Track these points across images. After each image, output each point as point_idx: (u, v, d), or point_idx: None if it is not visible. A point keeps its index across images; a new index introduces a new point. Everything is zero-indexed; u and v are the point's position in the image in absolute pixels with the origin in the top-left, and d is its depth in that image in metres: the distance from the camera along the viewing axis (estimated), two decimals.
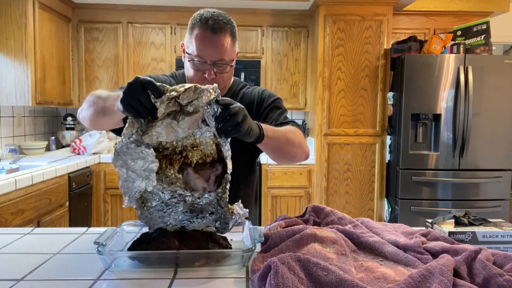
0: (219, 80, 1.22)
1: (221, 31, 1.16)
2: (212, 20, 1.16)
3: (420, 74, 3.08)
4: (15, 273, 0.85)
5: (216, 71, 1.20)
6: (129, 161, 0.86)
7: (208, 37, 1.16)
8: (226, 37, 1.18)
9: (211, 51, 1.17)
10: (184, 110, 0.86)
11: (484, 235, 1.00)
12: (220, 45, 1.17)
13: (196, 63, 1.19)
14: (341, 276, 0.71)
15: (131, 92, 0.85)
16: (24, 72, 2.81)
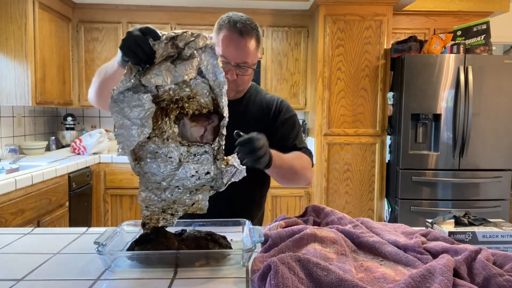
0: (240, 82, 1.25)
1: (248, 35, 1.20)
2: (240, 23, 1.20)
3: (420, 74, 3.08)
4: (15, 273, 0.85)
5: (238, 72, 1.23)
6: (126, 109, 0.85)
7: (234, 39, 1.20)
8: (252, 41, 1.22)
9: (236, 53, 1.20)
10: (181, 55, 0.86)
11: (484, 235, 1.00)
12: (245, 48, 1.21)
13: None
14: (341, 276, 0.71)
15: (130, 38, 0.86)
16: (24, 72, 2.81)
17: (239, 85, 1.27)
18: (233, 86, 1.25)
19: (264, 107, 1.38)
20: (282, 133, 1.36)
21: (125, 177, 3.26)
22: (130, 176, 3.26)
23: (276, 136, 1.34)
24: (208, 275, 0.84)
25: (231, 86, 1.24)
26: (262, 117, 1.37)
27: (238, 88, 1.29)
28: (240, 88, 1.30)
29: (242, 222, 1.09)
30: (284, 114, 1.38)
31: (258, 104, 1.38)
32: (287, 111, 1.39)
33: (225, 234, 1.01)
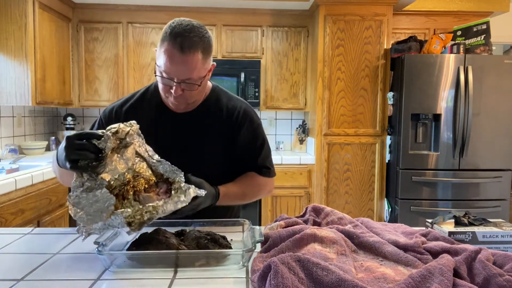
0: (187, 96, 1.17)
1: (190, 50, 1.08)
2: (181, 37, 1.08)
3: (420, 74, 3.08)
4: (15, 273, 0.85)
5: (183, 87, 1.13)
6: (87, 208, 0.89)
7: (175, 56, 1.08)
8: (196, 55, 1.10)
9: (178, 70, 1.10)
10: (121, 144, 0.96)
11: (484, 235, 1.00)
12: (188, 64, 1.09)
13: (163, 79, 1.14)
14: (341, 276, 0.71)
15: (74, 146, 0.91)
16: (24, 72, 2.81)
17: (187, 99, 1.18)
18: (181, 100, 1.18)
19: (224, 115, 1.29)
20: (244, 148, 1.30)
21: None
22: None
23: (238, 149, 1.29)
24: (208, 275, 0.84)
25: (179, 100, 1.18)
26: (222, 126, 1.28)
27: (187, 101, 1.20)
28: (190, 101, 1.20)
29: (242, 222, 1.09)
30: (247, 127, 1.29)
31: (217, 113, 1.28)
32: (251, 123, 1.30)
33: (225, 234, 1.01)
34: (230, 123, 1.29)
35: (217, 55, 3.58)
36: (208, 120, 1.28)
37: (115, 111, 1.30)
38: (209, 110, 1.29)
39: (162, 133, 1.27)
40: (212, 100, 1.30)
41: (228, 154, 1.30)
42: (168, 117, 1.27)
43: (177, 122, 1.27)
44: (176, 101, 1.19)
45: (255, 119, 1.33)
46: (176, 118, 1.27)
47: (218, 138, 1.29)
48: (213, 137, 1.28)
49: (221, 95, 1.33)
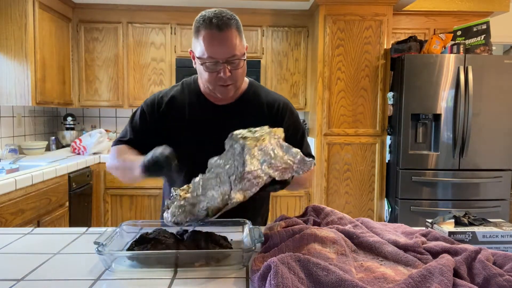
0: (235, 77, 1.21)
1: (227, 27, 1.15)
2: (215, 19, 1.14)
3: (420, 74, 3.08)
4: (15, 273, 0.85)
5: (230, 68, 1.18)
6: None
7: (215, 36, 1.14)
8: (233, 32, 1.16)
9: (221, 49, 1.15)
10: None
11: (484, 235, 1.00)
12: (229, 41, 1.15)
13: (208, 65, 1.17)
14: (341, 276, 0.71)
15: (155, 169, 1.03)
16: (24, 72, 2.81)
17: (235, 80, 1.23)
18: (230, 82, 1.21)
19: (265, 108, 1.33)
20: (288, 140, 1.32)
21: None
22: None
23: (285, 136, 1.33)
24: (208, 275, 0.84)
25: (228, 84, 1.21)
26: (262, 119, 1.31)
27: (236, 84, 1.24)
28: (237, 83, 1.25)
29: (242, 222, 1.09)
30: (288, 119, 1.33)
31: (257, 105, 1.33)
32: (291, 115, 1.35)
33: (225, 234, 1.01)
34: (271, 116, 1.32)
35: None
36: (248, 112, 1.32)
37: (157, 102, 1.32)
38: (249, 102, 1.33)
39: (202, 124, 1.30)
40: (250, 93, 1.35)
41: None
42: (208, 108, 1.31)
43: (217, 114, 1.30)
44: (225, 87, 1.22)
45: (294, 111, 1.38)
46: (216, 110, 1.30)
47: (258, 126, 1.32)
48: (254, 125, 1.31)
49: (259, 89, 1.38)
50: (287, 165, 0.90)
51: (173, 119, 1.30)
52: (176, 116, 1.30)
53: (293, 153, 0.92)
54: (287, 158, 0.90)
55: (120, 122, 3.90)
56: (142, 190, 3.29)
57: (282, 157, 0.89)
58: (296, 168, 0.92)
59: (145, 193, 3.30)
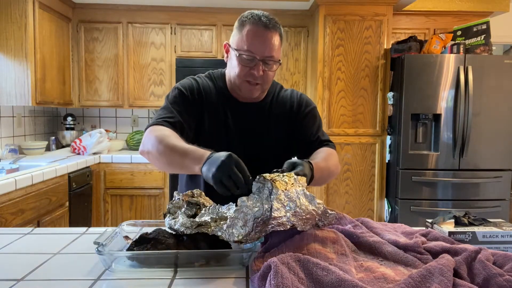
0: (265, 78, 1.22)
1: (273, 28, 1.19)
2: (264, 17, 1.19)
3: (420, 74, 3.08)
4: (15, 273, 0.85)
5: (263, 68, 1.19)
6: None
7: (260, 33, 1.17)
8: (277, 35, 1.20)
9: (263, 46, 1.18)
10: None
11: (484, 235, 1.00)
12: (272, 41, 1.18)
13: (244, 58, 1.19)
14: (341, 276, 0.71)
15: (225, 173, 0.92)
16: (24, 72, 2.81)
17: (264, 82, 1.24)
18: (259, 81, 1.22)
19: (287, 104, 1.36)
20: (305, 127, 1.34)
21: (125, 177, 3.26)
22: (130, 176, 3.27)
23: (299, 131, 1.34)
24: (208, 275, 0.84)
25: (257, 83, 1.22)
26: (285, 115, 1.35)
27: (263, 86, 1.26)
28: (265, 86, 1.27)
29: None
30: (304, 108, 1.36)
31: (280, 103, 1.35)
32: (307, 105, 1.37)
33: None
34: (292, 108, 1.35)
35: (217, 55, 3.58)
36: (274, 108, 1.34)
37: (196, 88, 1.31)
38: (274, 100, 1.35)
39: (228, 120, 1.30)
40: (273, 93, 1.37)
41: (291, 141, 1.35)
42: (232, 104, 1.31)
43: (243, 111, 1.31)
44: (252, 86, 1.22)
45: (310, 101, 1.41)
46: (240, 106, 1.31)
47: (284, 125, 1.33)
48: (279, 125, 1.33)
49: (278, 85, 1.41)
50: (311, 216, 0.91)
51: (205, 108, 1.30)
52: (208, 106, 1.30)
53: (317, 203, 0.94)
54: (311, 208, 0.92)
55: (120, 122, 3.90)
56: (142, 190, 3.29)
57: (306, 207, 0.91)
58: (318, 219, 0.95)
59: (145, 193, 3.30)
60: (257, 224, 0.84)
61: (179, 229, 0.90)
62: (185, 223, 0.90)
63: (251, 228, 0.84)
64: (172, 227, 0.93)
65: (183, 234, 0.92)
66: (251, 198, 0.88)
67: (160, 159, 1.12)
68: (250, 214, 0.85)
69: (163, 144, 1.09)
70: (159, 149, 1.10)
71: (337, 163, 1.32)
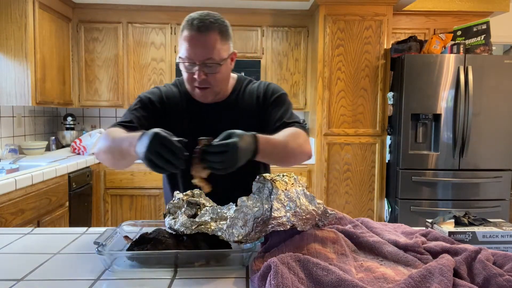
0: (211, 81, 1.19)
1: (207, 30, 1.14)
2: (197, 20, 1.15)
3: (420, 74, 3.08)
4: (15, 273, 0.85)
5: (206, 71, 1.17)
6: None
7: (194, 37, 1.14)
8: (213, 35, 1.15)
9: (198, 50, 1.15)
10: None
11: (484, 235, 1.00)
12: (206, 44, 1.15)
13: (186, 65, 1.18)
14: (341, 276, 0.71)
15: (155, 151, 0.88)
16: (24, 72, 2.81)
17: (211, 84, 1.20)
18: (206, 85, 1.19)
19: (254, 97, 1.32)
20: (271, 114, 1.29)
21: (125, 177, 3.26)
22: (130, 176, 3.27)
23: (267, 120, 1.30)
24: (208, 275, 0.84)
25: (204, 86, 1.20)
26: (253, 107, 1.31)
27: (214, 89, 1.22)
28: (215, 88, 1.23)
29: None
30: (270, 96, 1.32)
31: (247, 97, 1.32)
32: (274, 92, 1.33)
33: None
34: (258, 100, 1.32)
35: None
36: (241, 104, 1.31)
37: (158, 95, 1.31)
38: (240, 96, 1.33)
39: (193, 124, 1.29)
40: (239, 89, 1.34)
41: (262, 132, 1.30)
42: (197, 107, 1.30)
43: (207, 113, 1.30)
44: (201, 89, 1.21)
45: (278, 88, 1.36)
46: (205, 109, 1.29)
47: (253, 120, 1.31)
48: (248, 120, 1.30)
49: (245, 80, 1.38)
50: (311, 216, 0.92)
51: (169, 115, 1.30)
52: (172, 113, 1.30)
53: (317, 203, 0.94)
54: (311, 208, 0.92)
55: None
56: (142, 190, 3.29)
57: (307, 207, 0.91)
58: (318, 219, 0.95)
59: (145, 193, 3.30)
60: (257, 224, 0.84)
61: (179, 229, 0.91)
62: (185, 223, 0.90)
63: (251, 228, 0.84)
64: (172, 227, 0.93)
65: (183, 234, 0.92)
66: (251, 198, 0.88)
67: (107, 156, 1.14)
68: (250, 214, 0.85)
69: (107, 139, 1.13)
70: (104, 147, 1.13)
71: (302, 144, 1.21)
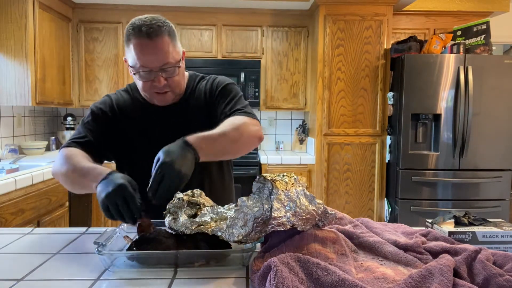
0: (171, 84, 1.18)
1: (157, 35, 1.10)
2: (145, 27, 1.10)
3: (420, 74, 3.08)
4: (15, 273, 0.85)
5: (165, 76, 1.15)
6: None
7: (146, 45, 1.10)
8: (164, 39, 1.12)
9: (153, 58, 1.11)
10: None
11: (484, 235, 1.00)
12: (161, 49, 1.11)
13: (142, 74, 1.14)
14: (341, 276, 0.71)
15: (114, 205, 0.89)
16: (24, 72, 2.81)
17: (173, 88, 1.19)
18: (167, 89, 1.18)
19: (202, 94, 1.30)
20: (219, 108, 1.26)
21: None
22: None
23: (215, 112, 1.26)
24: (208, 275, 0.84)
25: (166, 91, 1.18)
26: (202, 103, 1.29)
27: (174, 91, 1.22)
28: (176, 90, 1.22)
29: None
30: (216, 88, 1.29)
31: (197, 94, 1.30)
32: (219, 85, 1.30)
33: None
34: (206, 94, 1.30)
35: (217, 55, 3.58)
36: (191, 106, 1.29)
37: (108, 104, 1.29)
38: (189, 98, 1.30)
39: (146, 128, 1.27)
40: (191, 87, 1.32)
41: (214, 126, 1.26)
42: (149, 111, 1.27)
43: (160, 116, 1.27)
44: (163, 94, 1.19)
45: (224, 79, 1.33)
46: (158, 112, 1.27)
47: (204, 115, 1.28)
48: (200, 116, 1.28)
49: (197, 77, 1.35)
50: (311, 216, 0.91)
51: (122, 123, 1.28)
52: (125, 120, 1.28)
53: (317, 203, 0.94)
54: (312, 208, 0.92)
55: None
56: None
57: (307, 207, 0.90)
58: (318, 219, 0.95)
59: None
60: (257, 224, 0.84)
61: (179, 229, 0.91)
62: (185, 223, 0.91)
63: (251, 228, 0.84)
64: (172, 227, 0.93)
65: (183, 234, 0.92)
66: (251, 198, 0.89)
67: (66, 180, 1.13)
68: (250, 214, 0.85)
69: (67, 165, 1.11)
70: (63, 170, 1.12)
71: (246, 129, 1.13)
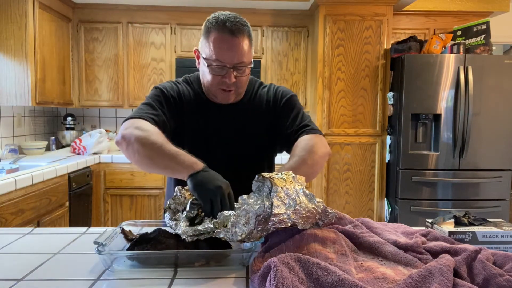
0: (238, 83, 1.20)
1: (240, 33, 1.14)
2: (229, 22, 1.13)
3: (420, 74, 3.08)
4: (15, 273, 0.85)
5: (236, 74, 1.17)
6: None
7: (227, 40, 1.13)
8: (245, 39, 1.16)
9: (231, 54, 1.14)
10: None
11: (484, 235, 1.00)
12: (239, 47, 1.14)
13: (215, 68, 1.16)
14: (341, 276, 0.71)
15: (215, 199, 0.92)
16: (24, 72, 2.81)
17: (238, 87, 1.22)
18: (233, 88, 1.21)
19: (264, 100, 1.32)
20: (282, 118, 1.29)
21: (125, 177, 3.26)
22: (130, 176, 3.26)
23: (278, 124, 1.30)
24: (208, 275, 0.84)
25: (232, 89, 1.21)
26: (263, 111, 1.31)
27: (238, 91, 1.24)
28: (239, 90, 1.24)
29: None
30: (280, 99, 1.32)
31: (257, 101, 1.32)
32: (283, 96, 1.33)
33: None
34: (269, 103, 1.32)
35: None
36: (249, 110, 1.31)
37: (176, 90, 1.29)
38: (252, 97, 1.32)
39: (205, 124, 1.28)
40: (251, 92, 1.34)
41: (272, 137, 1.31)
42: (209, 108, 1.29)
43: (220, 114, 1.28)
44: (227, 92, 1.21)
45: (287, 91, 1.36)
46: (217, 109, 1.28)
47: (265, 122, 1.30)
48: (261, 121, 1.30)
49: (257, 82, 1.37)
50: (311, 214, 0.92)
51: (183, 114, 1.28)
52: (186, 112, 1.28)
53: (317, 202, 0.94)
54: (311, 206, 0.92)
55: (120, 122, 3.90)
56: (142, 190, 3.29)
57: (306, 205, 0.91)
58: (318, 218, 0.95)
59: (145, 193, 3.30)
60: (259, 222, 0.84)
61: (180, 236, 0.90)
62: (187, 231, 0.90)
63: (253, 226, 0.84)
64: (173, 229, 0.93)
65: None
66: (252, 196, 0.89)
67: (142, 154, 1.06)
68: (252, 211, 0.85)
69: (150, 140, 1.05)
70: (144, 144, 1.05)
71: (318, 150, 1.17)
